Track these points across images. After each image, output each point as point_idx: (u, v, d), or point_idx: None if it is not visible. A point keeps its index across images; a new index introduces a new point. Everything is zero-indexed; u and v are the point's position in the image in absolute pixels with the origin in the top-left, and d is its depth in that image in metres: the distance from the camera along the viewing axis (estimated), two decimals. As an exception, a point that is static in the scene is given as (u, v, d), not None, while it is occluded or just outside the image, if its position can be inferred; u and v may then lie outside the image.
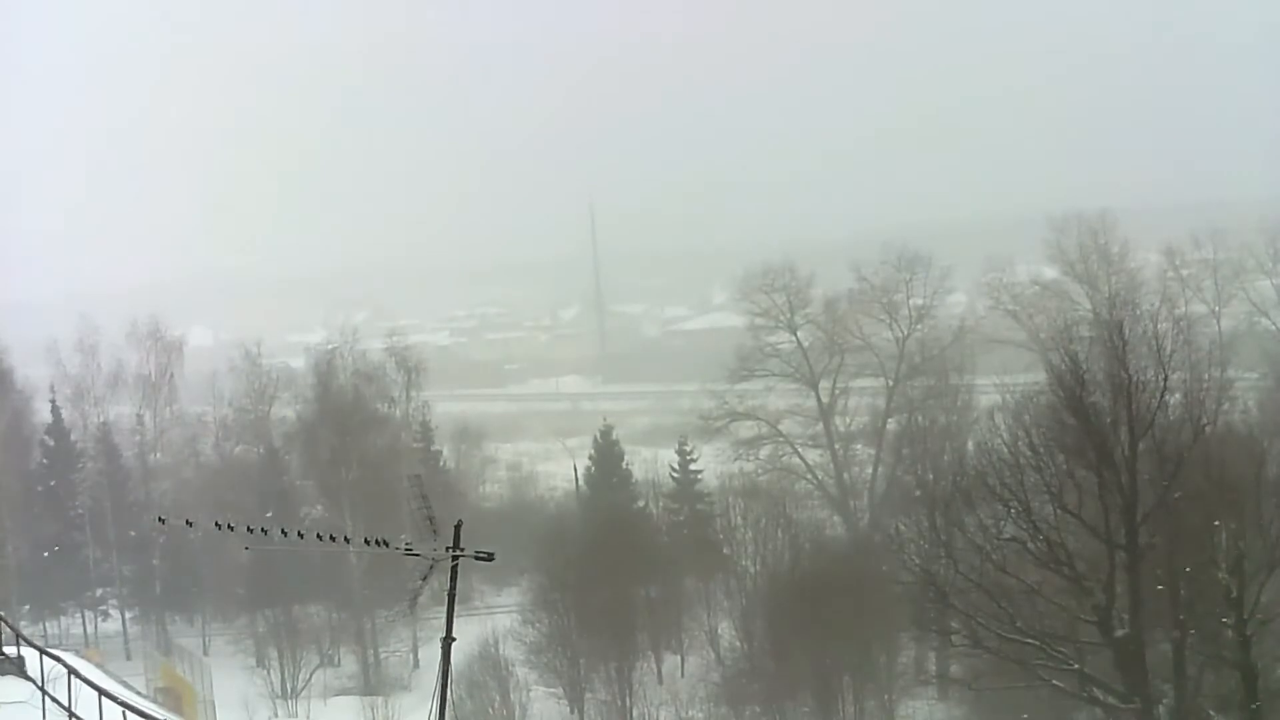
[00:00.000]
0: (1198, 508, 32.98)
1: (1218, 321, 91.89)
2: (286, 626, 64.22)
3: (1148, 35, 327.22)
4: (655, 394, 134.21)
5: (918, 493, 53.81)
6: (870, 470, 74.60)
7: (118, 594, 72.52)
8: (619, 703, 53.60)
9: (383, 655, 65.01)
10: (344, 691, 62.20)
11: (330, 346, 78.80)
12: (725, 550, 62.80)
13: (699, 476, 73.90)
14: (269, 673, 62.00)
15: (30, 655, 29.02)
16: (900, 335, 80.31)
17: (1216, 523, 31.90)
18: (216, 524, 14.68)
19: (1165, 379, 33.81)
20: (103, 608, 72.48)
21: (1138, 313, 44.44)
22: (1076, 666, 34.82)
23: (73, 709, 25.23)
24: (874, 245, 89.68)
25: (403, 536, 13.78)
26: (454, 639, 13.83)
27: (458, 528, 13.20)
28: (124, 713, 23.85)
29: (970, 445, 54.57)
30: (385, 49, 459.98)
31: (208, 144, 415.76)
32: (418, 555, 13.29)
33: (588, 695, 54.87)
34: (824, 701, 49.16)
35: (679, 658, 60.41)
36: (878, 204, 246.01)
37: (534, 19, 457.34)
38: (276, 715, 58.20)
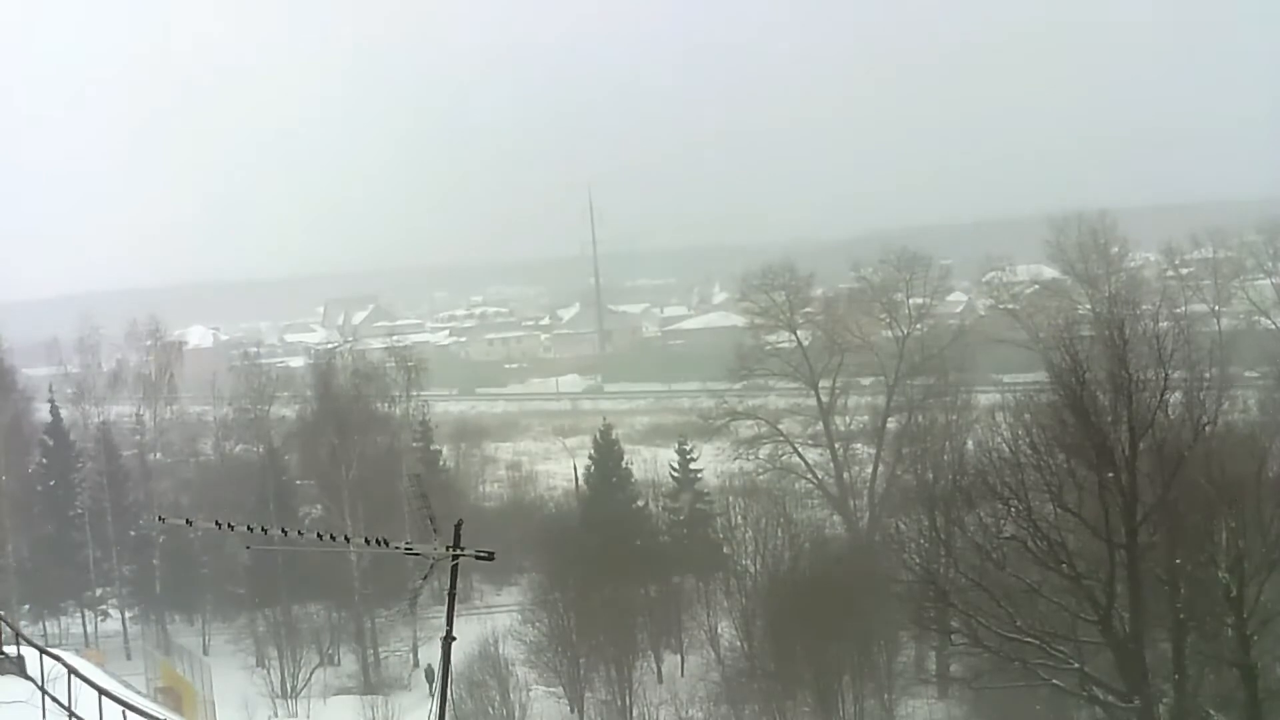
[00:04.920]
0: (1198, 507, 32.91)
1: (1218, 321, 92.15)
2: (286, 626, 64.25)
3: (1148, 35, 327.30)
4: (655, 394, 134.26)
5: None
6: (870, 470, 74.50)
7: (118, 594, 72.39)
8: (619, 702, 53.61)
9: (383, 655, 65.01)
10: (344, 691, 62.17)
11: (330, 346, 78.96)
12: (725, 550, 62.74)
13: (699, 476, 73.84)
14: (269, 672, 61.91)
15: (30, 655, 28.92)
16: (900, 335, 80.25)
17: (1217, 521, 31.86)
18: (216, 523, 14.61)
19: (1165, 378, 33.74)
20: (103, 608, 72.29)
21: (1138, 312, 44.49)
22: (1076, 666, 34.75)
23: (73, 709, 25.17)
24: (874, 245, 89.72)
25: (405, 537, 13.75)
26: (454, 638, 13.80)
27: (458, 527, 13.15)
28: (124, 712, 23.85)
29: (970, 444, 54.55)
30: (386, 48, 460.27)
31: (209, 144, 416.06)
32: (418, 555, 13.23)
33: (588, 695, 54.86)
34: (824, 701, 49.08)
35: (679, 657, 60.35)
36: (878, 204, 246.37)
37: (534, 18, 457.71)
38: (276, 715, 58.10)
